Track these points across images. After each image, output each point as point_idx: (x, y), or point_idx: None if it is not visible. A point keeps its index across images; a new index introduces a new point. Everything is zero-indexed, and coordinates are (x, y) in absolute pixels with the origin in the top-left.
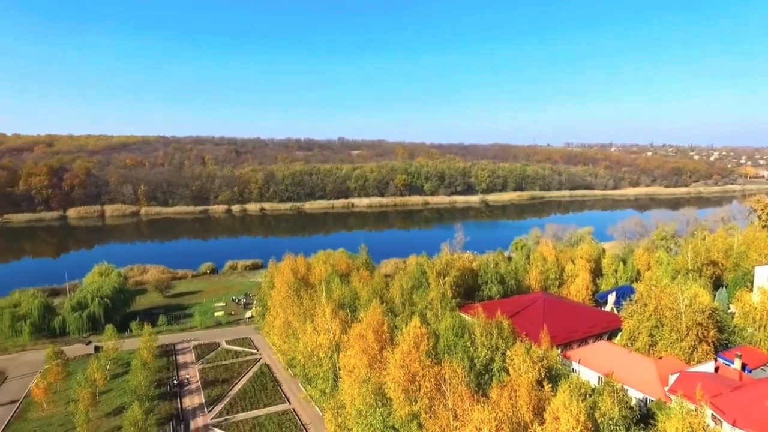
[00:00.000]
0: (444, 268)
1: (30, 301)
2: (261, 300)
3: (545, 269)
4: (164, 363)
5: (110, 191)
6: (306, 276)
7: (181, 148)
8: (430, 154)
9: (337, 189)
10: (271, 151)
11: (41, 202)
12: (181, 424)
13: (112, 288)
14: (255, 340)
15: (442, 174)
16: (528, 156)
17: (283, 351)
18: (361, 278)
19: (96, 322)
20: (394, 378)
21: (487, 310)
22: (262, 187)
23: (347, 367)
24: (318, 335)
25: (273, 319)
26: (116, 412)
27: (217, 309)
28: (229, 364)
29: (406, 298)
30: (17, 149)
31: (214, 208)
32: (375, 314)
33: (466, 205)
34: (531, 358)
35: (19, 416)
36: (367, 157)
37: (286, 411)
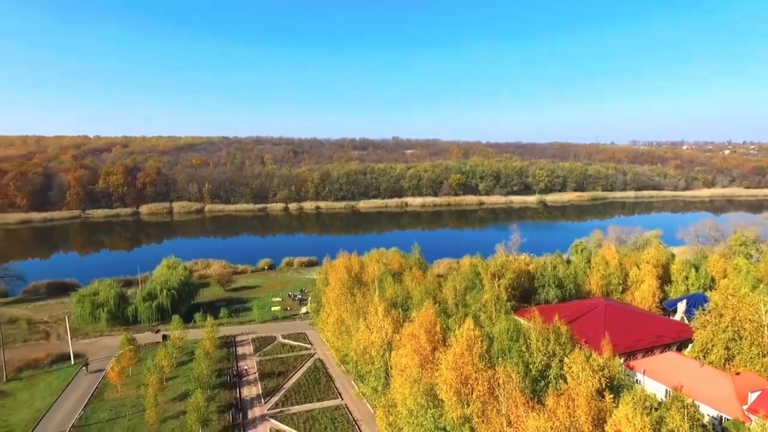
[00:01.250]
0: (499, 269)
1: (107, 290)
2: (316, 296)
3: (607, 274)
4: (225, 354)
5: (178, 189)
6: (359, 274)
7: (242, 148)
8: (485, 153)
9: (391, 188)
10: (327, 150)
11: (117, 198)
12: (239, 413)
13: (179, 281)
14: (309, 335)
15: (498, 173)
16: (590, 155)
17: (336, 347)
18: (413, 278)
19: (164, 312)
20: (446, 380)
21: (544, 315)
22: (318, 186)
23: (399, 366)
24: (370, 333)
25: (327, 315)
26: (181, 397)
27: (274, 304)
28: (285, 357)
29: (459, 299)
30: (98, 150)
31: (273, 206)
32: (427, 314)
33: (522, 206)
34: (591, 367)
35: (97, 396)
36: (421, 156)
37: (338, 406)
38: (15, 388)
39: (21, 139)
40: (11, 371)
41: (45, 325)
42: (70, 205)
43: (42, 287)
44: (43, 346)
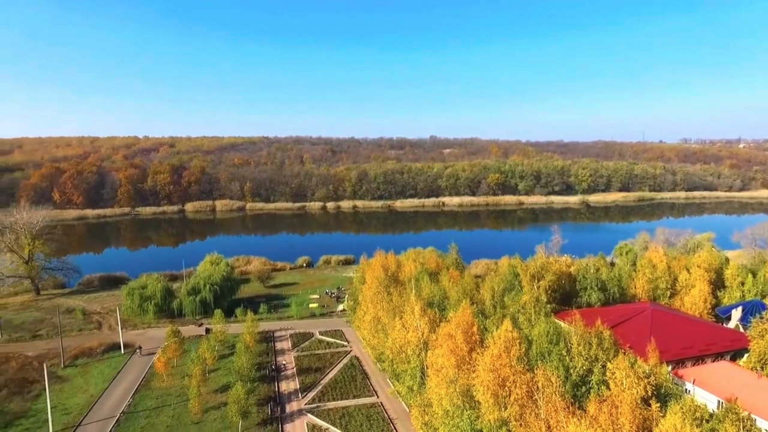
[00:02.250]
0: (539, 271)
1: (154, 284)
2: (352, 294)
3: (654, 278)
4: (264, 348)
5: (220, 188)
6: (396, 273)
7: (282, 147)
8: (525, 152)
9: (428, 188)
10: (365, 150)
11: (164, 197)
12: (278, 406)
13: (221, 276)
14: (346, 332)
15: (539, 173)
16: (636, 154)
17: (372, 345)
18: (450, 277)
19: (207, 307)
20: (483, 381)
21: (586, 318)
22: (356, 185)
23: (435, 366)
24: (406, 332)
25: (363, 313)
26: (222, 389)
27: (312, 301)
28: (322, 354)
29: (497, 301)
30: (146, 150)
31: (311, 204)
32: (465, 315)
33: (564, 206)
34: (636, 373)
35: (145, 385)
36: (459, 155)
37: (374, 404)
38: (71, 373)
39: (78, 140)
40: (68, 358)
41: (98, 315)
42: (121, 202)
43: (95, 280)
44: (96, 335)
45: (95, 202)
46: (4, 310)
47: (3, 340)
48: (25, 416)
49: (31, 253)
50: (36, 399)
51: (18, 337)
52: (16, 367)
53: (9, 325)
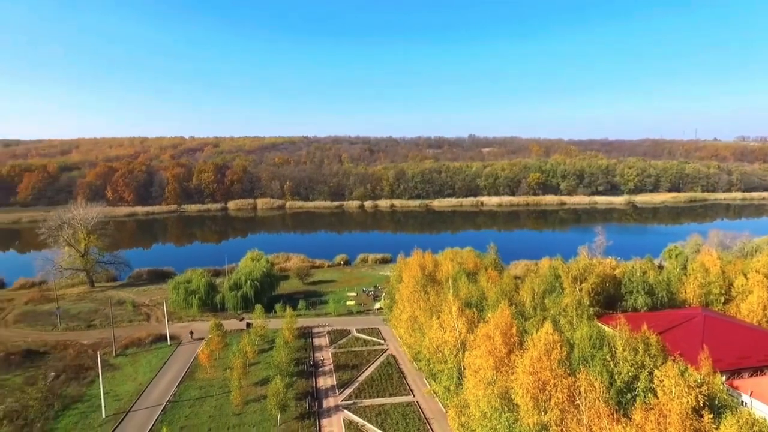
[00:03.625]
0: (581, 273)
1: (199, 279)
2: (389, 293)
3: (706, 282)
4: (302, 344)
5: (261, 186)
6: (433, 272)
7: (321, 147)
8: (567, 150)
9: (466, 187)
10: (402, 149)
11: (208, 195)
12: (315, 401)
13: (262, 272)
14: (383, 331)
15: (582, 172)
16: (687, 152)
17: (408, 344)
18: (489, 278)
19: (248, 302)
20: (523, 384)
21: (631, 323)
22: (393, 185)
23: (472, 367)
24: (443, 332)
25: (400, 312)
26: (262, 382)
27: (349, 298)
28: (359, 351)
29: (537, 302)
30: (192, 149)
31: (349, 203)
32: (503, 316)
33: (608, 207)
34: (686, 382)
35: (189, 376)
36: (499, 154)
37: (410, 403)
38: (122, 362)
39: (129, 141)
40: (119, 347)
41: (146, 308)
42: (168, 200)
43: (144, 274)
44: (145, 327)
45: (144, 199)
46: (62, 301)
47: (62, 328)
48: (81, 400)
49: (87, 248)
50: (90, 385)
51: (75, 326)
52: (73, 354)
53: (67, 314)
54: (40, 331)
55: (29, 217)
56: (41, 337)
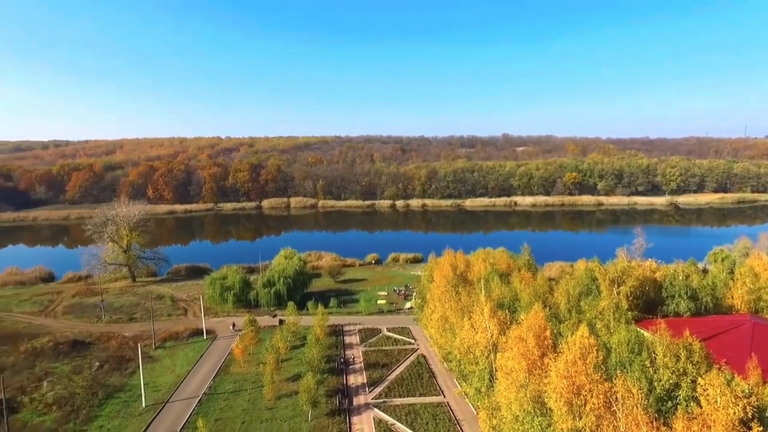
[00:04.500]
0: (619, 275)
1: (234, 275)
2: (420, 292)
3: (756, 288)
4: (333, 341)
5: (295, 186)
6: (465, 273)
7: (353, 146)
8: (605, 149)
9: (500, 187)
10: (435, 148)
11: (243, 193)
12: (345, 398)
13: (294, 270)
14: (413, 330)
15: (620, 171)
16: (736, 151)
17: (439, 344)
18: (522, 279)
19: (281, 299)
20: (556, 388)
21: (673, 329)
22: (425, 184)
23: (504, 369)
24: (475, 333)
25: (431, 312)
26: (294, 378)
27: (380, 297)
28: (389, 350)
29: (572, 305)
30: (228, 149)
31: (380, 202)
32: (537, 318)
33: (648, 208)
34: (733, 392)
35: (224, 369)
36: (533, 153)
37: (440, 404)
38: (161, 354)
39: (169, 141)
40: (158, 340)
41: (184, 303)
42: (205, 198)
43: (182, 270)
44: (182, 321)
45: (183, 198)
46: (106, 294)
47: (105, 321)
48: (123, 390)
49: (129, 244)
50: (131, 375)
51: (117, 318)
52: (115, 346)
53: (110, 307)
54: (86, 323)
55: (77, 214)
56: (87, 328)
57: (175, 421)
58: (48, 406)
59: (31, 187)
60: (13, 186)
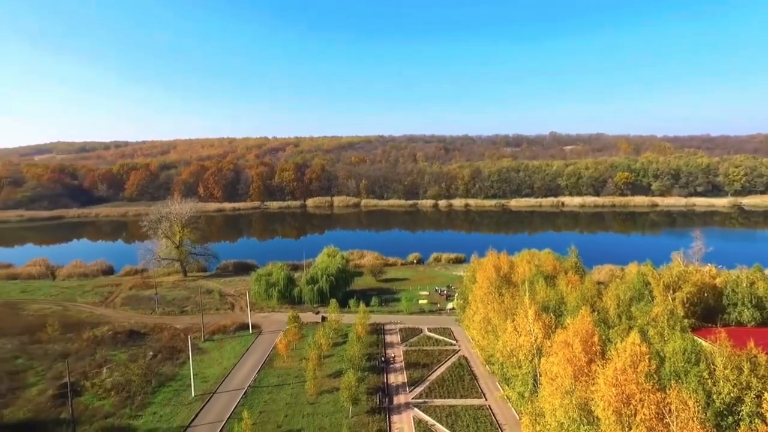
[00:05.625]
0: (674, 281)
1: (278, 272)
2: (462, 293)
3: None
4: (374, 340)
5: (338, 185)
6: (508, 274)
7: (396, 146)
8: (661, 148)
9: (546, 186)
10: (479, 147)
11: (289, 192)
12: (386, 397)
13: (337, 268)
14: (455, 331)
15: (677, 171)
16: None
17: (481, 346)
18: (569, 282)
19: (323, 296)
20: (604, 396)
21: (735, 339)
22: (468, 183)
23: (549, 375)
24: (518, 336)
25: (473, 313)
26: (335, 375)
27: (421, 297)
28: (430, 350)
29: (622, 310)
30: (275, 149)
31: (423, 202)
32: (584, 323)
33: (708, 209)
34: None
35: (268, 363)
36: (582, 152)
37: (482, 406)
38: (209, 347)
39: (219, 141)
40: (207, 333)
41: (231, 297)
42: (252, 197)
43: (230, 266)
44: (230, 315)
45: (231, 196)
46: (159, 288)
47: (159, 312)
48: (174, 379)
49: (181, 240)
50: (182, 365)
51: (169, 311)
52: (168, 337)
53: (163, 300)
54: (141, 314)
55: (134, 211)
56: (142, 319)
57: (222, 411)
58: (107, 391)
59: (93, 185)
60: (78, 184)
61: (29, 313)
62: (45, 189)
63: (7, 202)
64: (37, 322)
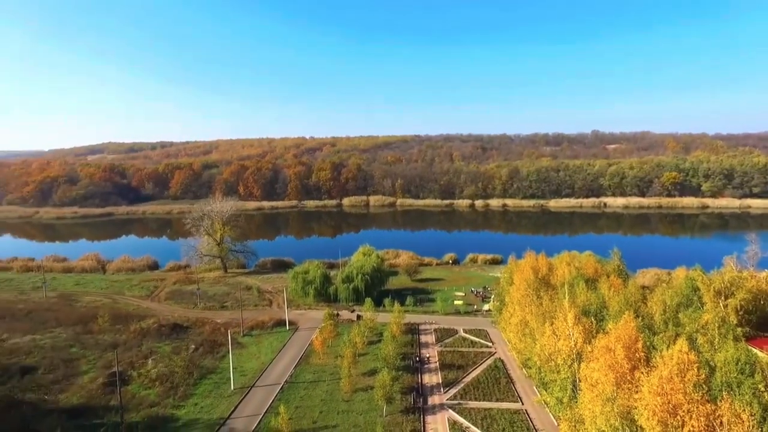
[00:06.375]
0: (727, 287)
1: (315, 270)
2: (499, 295)
3: None
4: (409, 339)
5: (374, 184)
6: (547, 276)
7: (432, 145)
8: (712, 146)
9: (588, 187)
10: (517, 147)
11: (325, 191)
12: (420, 397)
13: (372, 267)
14: (491, 333)
15: (731, 171)
16: None
17: (518, 349)
18: (611, 286)
19: (358, 295)
20: (649, 405)
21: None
22: (506, 183)
23: (589, 381)
24: (557, 340)
25: (510, 315)
26: (370, 373)
27: (457, 298)
28: (465, 351)
29: (669, 316)
30: (312, 149)
31: (459, 202)
32: (627, 328)
33: (766, 212)
34: None
35: (304, 360)
36: (626, 151)
37: (518, 411)
38: (248, 342)
39: (258, 141)
40: (246, 328)
41: (269, 294)
42: (290, 196)
43: (268, 263)
44: (268, 311)
45: (270, 195)
46: (201, 283)
47: (200, 307)
48: (214, 372)
49: (222, 237)
50: (222, 359)
51: (211, 306)
52: (209, 331)
53: (205, 295)
54: (184, 308)
55: (178, 208)
56: (185, 313)
57: (260, 405)
58: (152, 381)
59: (141, 184)
60: (127, 183)
61: (82, 305)
62: (97, 187)
63: (63, 200)
64: (89, 313)
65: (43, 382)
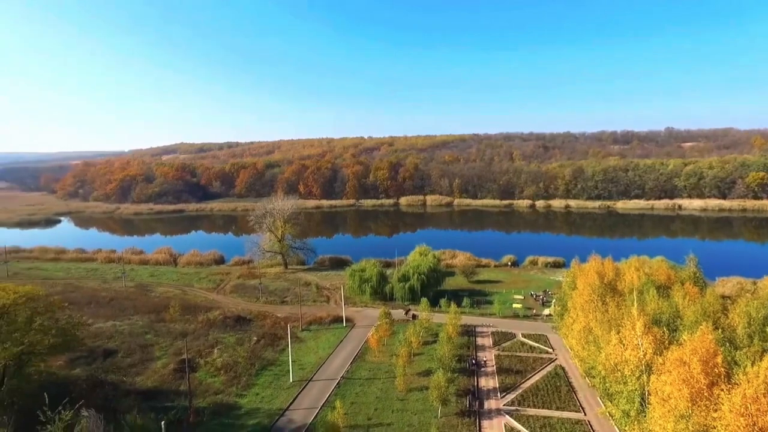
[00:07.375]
0: None
1: (371, 268)
2: (560, 300)
3: None
4: (465, 341)
5: (431, 184)
6: (614, 282)
7: (491, 144)
8: None
9: (660, 187)
10: (581, 145)
11: (382, 191)
12: (476, 400)
13: (428, 267)
14: (551, 339)
15: None
16: None
17: (581, 357)
18: (686, 294)
19: (414, 294)
20: (730, 425)
21: None
22: (569, 183)
23: (660, 395)
24: (624, 349)
25: (572, 321)
26: (425, 373)
27: (516, 301)
28: (524, 356)
29: (754, 330)
30: (370, 149)
31: (519, 202)
32: (705, 340)
33: None
34: None
35: (360, 357)
36: (705, 149)
37: (580, 421)
38: (306, 336)
39: (318, 141)
40: (305, 323)
41: (327, 291)
42: (348, 195)
43: (326, 260)
44: (325, 308)
45: (329, 194)
46: (263, 278)
47: (262, 301)
48: (274, 364)
49: (283, 234)
50: (282, 352)
51: (271, 300)
52: (270, 324)
53: (266, 290)
54: (247, 302)
55: (243, 206)
56: (248, 306)
57: (317, 398)
58: (217, 370)
59: (209, 182)
60: (197, 181)
61: (156, 295)
62: (170, 185)
63: (140, 197)
64: (162, 303)
65: (122, 365)
